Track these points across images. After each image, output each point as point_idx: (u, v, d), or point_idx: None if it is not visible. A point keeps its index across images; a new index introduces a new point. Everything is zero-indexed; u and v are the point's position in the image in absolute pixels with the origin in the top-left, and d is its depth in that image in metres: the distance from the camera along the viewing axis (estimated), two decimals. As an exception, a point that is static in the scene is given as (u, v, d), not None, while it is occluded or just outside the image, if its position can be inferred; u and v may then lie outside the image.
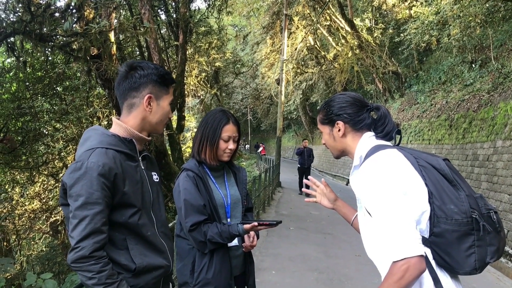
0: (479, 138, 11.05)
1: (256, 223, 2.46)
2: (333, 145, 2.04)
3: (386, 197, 1.65)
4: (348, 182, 21.81)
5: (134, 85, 1.93)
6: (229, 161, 2.71)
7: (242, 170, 2.88)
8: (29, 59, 10.06)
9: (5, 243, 13.24)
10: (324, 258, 7.27)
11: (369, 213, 1.77)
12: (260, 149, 35.61)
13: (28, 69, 11.66)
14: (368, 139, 1.92)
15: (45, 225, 15.31)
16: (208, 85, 21.29)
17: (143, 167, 2.01)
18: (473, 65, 14.18)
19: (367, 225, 1.85)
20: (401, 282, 1.58)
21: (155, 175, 2.11)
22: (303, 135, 38.96)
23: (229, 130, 2.62)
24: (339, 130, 1.97)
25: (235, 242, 2.68)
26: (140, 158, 2.00)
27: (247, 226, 2.47)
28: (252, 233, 2.68)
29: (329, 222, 10.24)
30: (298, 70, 25.93)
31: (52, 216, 14.77)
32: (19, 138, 12.22)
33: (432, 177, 1.71)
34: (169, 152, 13.51)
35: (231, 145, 2.64)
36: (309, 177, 2.52)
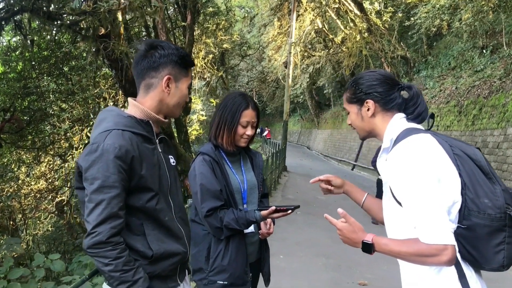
0: (489, 125, 10.92)
1: (274, 207, 2.39)
2: (360, 126, 1.93)
3: (420, 184, 1.56)
4: (353, 167, 21.76)
5: (153, 65, 1.84)
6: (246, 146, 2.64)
7: (258, 155, 2.80)
8: (36, 38, 9.94)
9: (11, 222, 13.31)
10: (332, 243, 7.23)
11: (395, 198, 1.69)
12: (266, 132, 35.52)
13: (34, 48, 11.56)
14: (399, 120, 1.81)
15: (50, 205, 15.36)
16: (215, 67, 21.12)
17: (160, 150, 1.94)
18: (484, 51, 13.95)
19: (391, 209, 1.78)
20: (428, 260, 1.53)
21: (171, 158, 2.04)
22: (309, 119, 38.84)
23: (248, 115, 2.53)
24: (368, 110, 1.85)
25: (251, 228, 2.62)
26: (157, 140, 1.93)
27: (264, 212, 2.40)
28: (269, 220, 2.62)
29: (336, 207, 10.06)
30: (306, 54, 25.67)
31: (58, 196, 14.80)
32: (25, 118, 12.18)
33: (467, 168, 1.62)
34: (175, 135, 13.45)
35: (249, 131, 2.56)
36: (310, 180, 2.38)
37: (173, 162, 2.05)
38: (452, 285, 1.61)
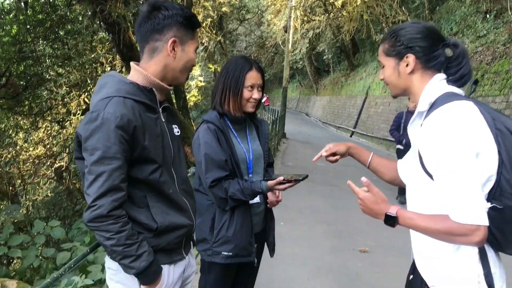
0: (491, 91, 10.80)
1: (281, 178, 2.31)
2: (395, 82, 1.75)
3: (457, 157, 1.44)
4: (352, 134, 21.69)
5: (157, 27, 1.71)
6: (252, 113, 2.54)
7: (264, 124, 2.71)
8: (30, 0, 9.66)
9: (10, 188, 13.33)
10: (332, 210, 7.24)
11: (424, 169, 1.58)
12: (264, 99, 35.20)
13: (28, 11, 11.27)
14: (439, 82, 1.65)
15: (49, 171, 15.37)
16: (213, 32, 20.72)
17: (163, 120, 1.84)
18: (488, 16, 13.65)
19: (418, 180, 1.66)
20: (457, 239, 1.46)
21: (175, 128, 1.95)
22: (308, 86, 38.53)
23: (252, 77, 2.42)
24: (407, 65, 1.68)
25: (256, 199, 2.56)
26: (160, 109, 1.83)
27: (271, 182, 2.33)
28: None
29: (335, 174, 10.18)
30: (306, 18, 25.18)
31: (56, 162, 14.78)
32: (21, 83, 12.01)
33: (508, 146, 1.49)
34: (174, 101, 13.30)
35: (256, 94, 2.45)
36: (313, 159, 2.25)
37: (177, 132, 1.96)
38: (471, 264, 1.54)
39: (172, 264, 1.84)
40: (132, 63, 1.83)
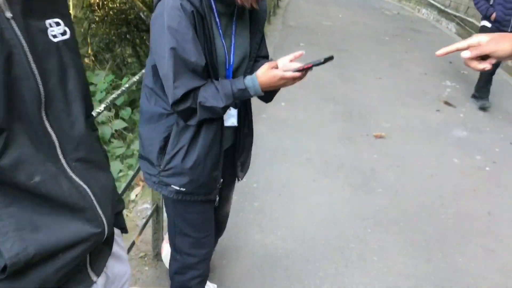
0: None
1: (297, 65, 1.60)
2: None
3: None
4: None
5: None
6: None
7: (262, 6, 1.67)
8: None
9: None
10: (340, 83, 6.27)
11: None
12: None
13: None
14: None
15: None
16: None
17: (10, 17, 0.81)
18: None
19: None
20: None
21: (51, 26, 0.92)
22: None
23: None
24: None
25: (233, 121, 1.75)
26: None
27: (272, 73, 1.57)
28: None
29: (343, 35, 8.96)
30: None
31: None
32: None
33: None
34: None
35: None
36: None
37: (60, 34, 0.93)
38: None
39: None
40: None
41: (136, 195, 3.34)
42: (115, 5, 9.15)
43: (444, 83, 6.57)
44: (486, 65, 1.09)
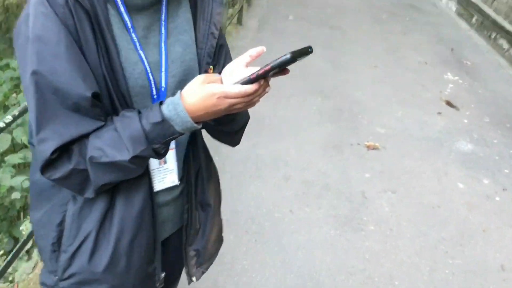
0: None
1: (254, 73, 0.86)
2: None
3: None
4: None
5: None
6: None
7: None
8: None
9: None
10: (331, 70, 5.47)
11: None
12: None
13: None
14: None
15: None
16: None
17: None
18: None
19: None
20: None
21: None
22: None
23: None
24: None
25: (171, 178, 1.09)
26: None
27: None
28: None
29: (336, 10, 8.05)
30: None
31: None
32: None
33: None
34: None
35: None
36: None
37: None
38: None
39: None
40: None
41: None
42: None
43: (446, 76, 5.83)
44: None
